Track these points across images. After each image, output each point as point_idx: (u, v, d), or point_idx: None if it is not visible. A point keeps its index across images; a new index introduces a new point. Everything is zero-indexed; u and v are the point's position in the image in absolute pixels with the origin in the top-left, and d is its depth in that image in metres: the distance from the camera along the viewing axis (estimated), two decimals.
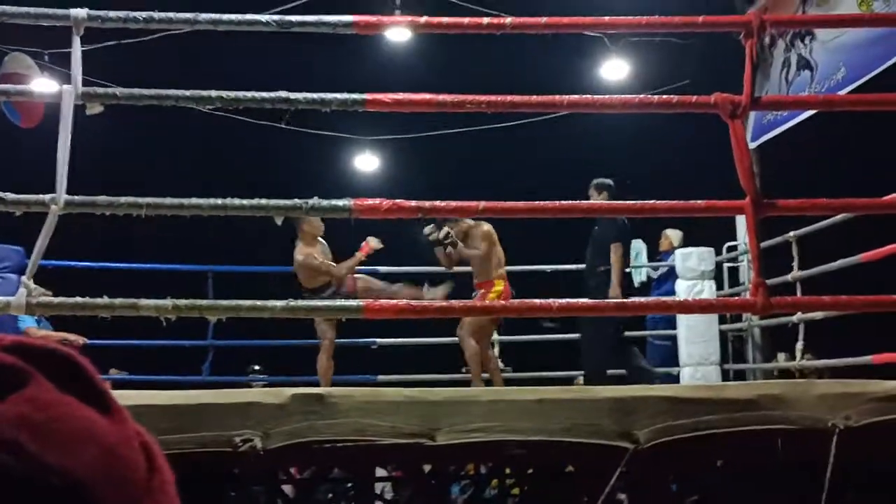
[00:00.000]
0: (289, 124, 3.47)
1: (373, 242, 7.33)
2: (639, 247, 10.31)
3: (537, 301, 3.36)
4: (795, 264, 7.51)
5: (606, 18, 3.60)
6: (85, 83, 3.30)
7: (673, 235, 10.16)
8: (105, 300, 3.06)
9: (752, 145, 8.69)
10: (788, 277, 7.54)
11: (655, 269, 9.98)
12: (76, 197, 3.06)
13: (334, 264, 7.46)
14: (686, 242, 9.82)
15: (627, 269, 10.34)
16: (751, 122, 8.80)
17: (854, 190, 5.86)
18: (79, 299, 3.07)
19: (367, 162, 13.33)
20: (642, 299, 9.13)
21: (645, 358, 9.94)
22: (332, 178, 13.46)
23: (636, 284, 10.24)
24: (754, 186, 3.49)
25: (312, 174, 12.97)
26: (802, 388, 2.90)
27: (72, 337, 8.06)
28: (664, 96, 3.59)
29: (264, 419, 2.70)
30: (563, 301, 3.44)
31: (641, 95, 3.83)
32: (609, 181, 7.79)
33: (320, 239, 7.52)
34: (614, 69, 11.01)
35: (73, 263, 8.04)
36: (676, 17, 3.68)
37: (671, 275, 9.26)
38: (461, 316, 4.49)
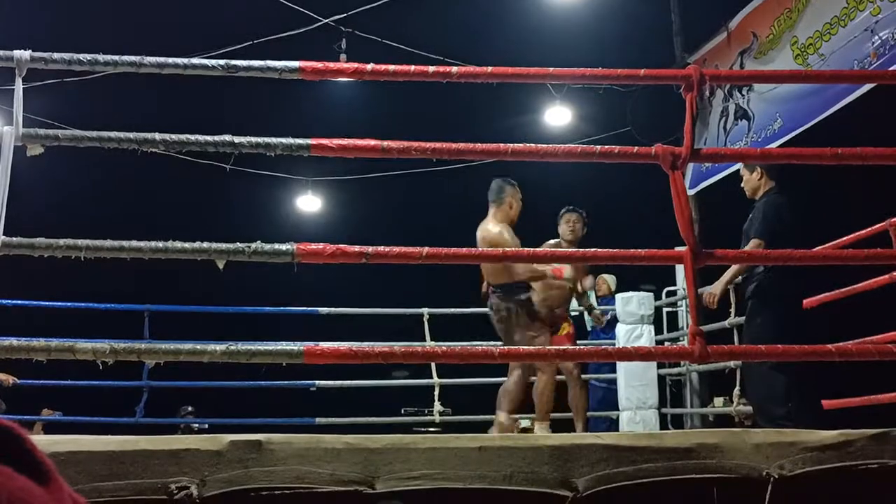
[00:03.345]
0: (233, 170, 3.46)
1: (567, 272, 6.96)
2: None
3: (479, 348, 3.36)
4: (732, 311, 7.64)
5: (550, 70, 3.65)
6: (27, 120, 3.27)
7: (610, 280, 10.30)
8: (41, 342, 3.01)
9: (691, 192, 8.87)
10: (726, 323, 7.67)
11: (605, 312, 10.06)
12: (14, 238, 3.01)
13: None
14: (621, 285, 9.96)
15: (577, 312, 10.44)
16: (689, 170, 8.98)
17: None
18: (13, 342, 3.02)
19: (309, 202, 13.32)
20: (584, 346, 9.22)
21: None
22: (274, 219, 13.42)
23: (588, 328, 10.34)
24: (693, 237, 3.54)
25: (254, 214, 12.93)
26: (739, 437, 2.93)
27: (1, 376, 7.91)
28: (606, 147, 3.64)
29: (201, 466, 2.67)
30: (506, 347, 3.45)
31: (584, 145, 3.88)
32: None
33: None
34: (558, 115, 11.19)
35: (7, 302, 7.89)
36: (619, 69, 3.75)
37: (615, 321, 9.37)
38: (406, 361, 4.45)
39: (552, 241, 7.32)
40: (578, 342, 9.64)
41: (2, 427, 0.61)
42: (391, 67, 3.47)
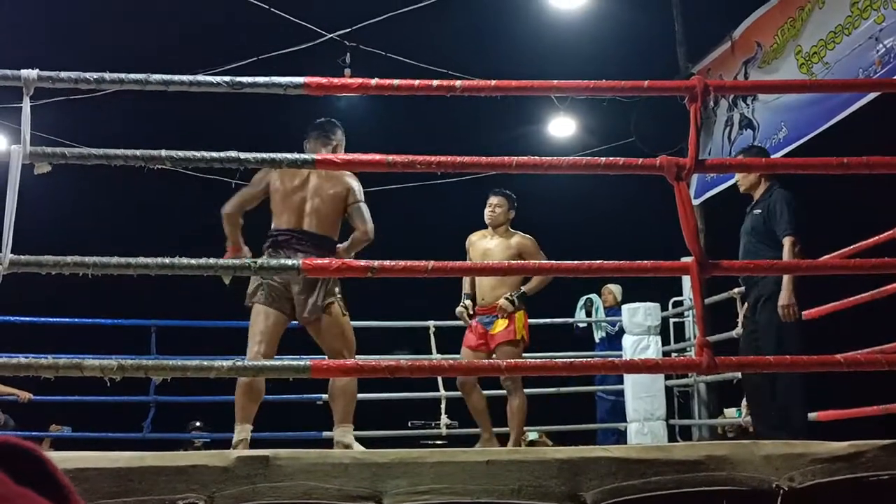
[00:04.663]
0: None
1: None
2: (598, 301, 10.41)
3: (486, 361, 3.36)
4: (740, 321, 7.62)
5: (554, 82, 3.65)
6: (34, 138, 3.27)
7: (616, 290, 10.29)
8: (49, 360, 3.01)
9: (696, 202, 8.86)
10: (733, 333, 7.65)
11: (614, 324, 10.02)
12: (22, 256, 3.02)
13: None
14: (628, 295, 9.95)
15: (585, 324, 10.42)
16: (694, 180, 8.97)
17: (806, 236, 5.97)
18: (22, 360, 3.02)
19: None
20: (591, 358, 9.20)
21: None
22: None
23: (597, 339, 10.31)
24: (699, 247, 3.53)
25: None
26: (748, 449, 2.92)
27: (18, 392, 7.96)
28: (610, 158, 3.64)
29: (209, 482, 2.67)
30: (513, 361, 3.45)
31: (588, 157, 3.88)
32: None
33: None
34: (562, 126, 11.21)
35: (15, 319, 7.90)
36: (623, 81, 3.75)
37: (622, 332, 9.36)
38: (412, 375, 4.42)
39: (478, 233, 6.84)
40: (584, 354, 9.66)
41: (24, 449, 0.61)
42: (395, 82, 3.47)
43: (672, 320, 9.60)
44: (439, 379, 8.79)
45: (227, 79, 3.32)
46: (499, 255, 6.49)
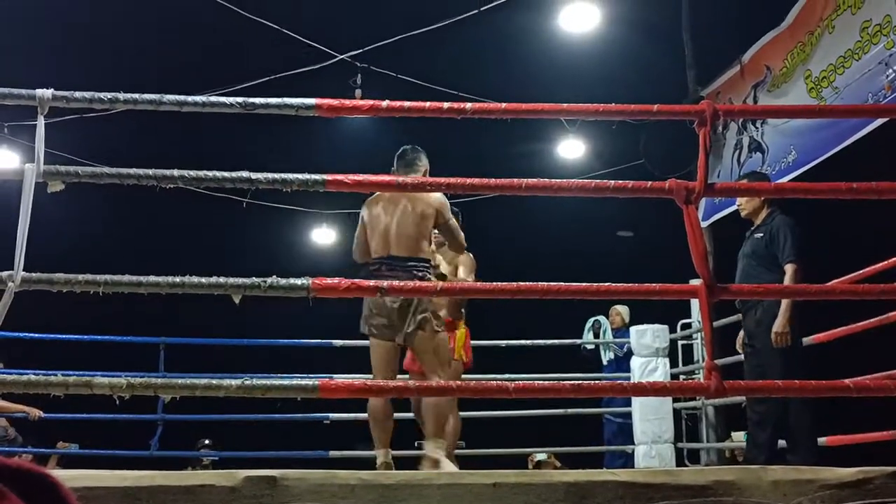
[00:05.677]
0: (248, 204, 3.48)
1: None
2: (606, 323, 10.39)
3: (494, 383, 3.36)
4: (738, 346, 7.59)
5: (564, 105, 3.67)
6: (48, 156, 3.30)
7: (623, 311, 10.26)
8: (59, 378, 3.02)
9: (704, 224, 8.84)
10: (741, 357, 7.62)
11: (622, 346, 9.99)
12: (33, 274, 3.04)
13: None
14: (636, 316, 9.92)
15: (593, 345, 10.40)
16: (702, 202, 8.96)
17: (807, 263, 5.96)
18: (32, 377, 3.03)
19: (324, 235, 13.37)
20: (599, 380, 9.18)
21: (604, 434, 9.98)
22: (290, 251, 13.45)
23: (605, 361, 10.29)
24: (708, 271, 3.54)
25: (270, 247, 12.96)
26: (756, 475, 2.91)
27: (28, 409, 7.98)
28: (620, 181, 3.65)
29: (216, 502, 2.67)
30: (521, 382, 3.45)
31: (597, 180, 3.89)
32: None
33: None
34: (571, 148, 11.23)
35: (24, 335, 7.92)
36: (632, 105, 3.77)
37: (630, 354, 9.33)
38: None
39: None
40: (592, 375, 9.63)
41: (37, 475, 0.62)
42: (406, 104, 3.49)
43: (680, 342, 9.56)
44: None
45: (239, 100, 3.35)
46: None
